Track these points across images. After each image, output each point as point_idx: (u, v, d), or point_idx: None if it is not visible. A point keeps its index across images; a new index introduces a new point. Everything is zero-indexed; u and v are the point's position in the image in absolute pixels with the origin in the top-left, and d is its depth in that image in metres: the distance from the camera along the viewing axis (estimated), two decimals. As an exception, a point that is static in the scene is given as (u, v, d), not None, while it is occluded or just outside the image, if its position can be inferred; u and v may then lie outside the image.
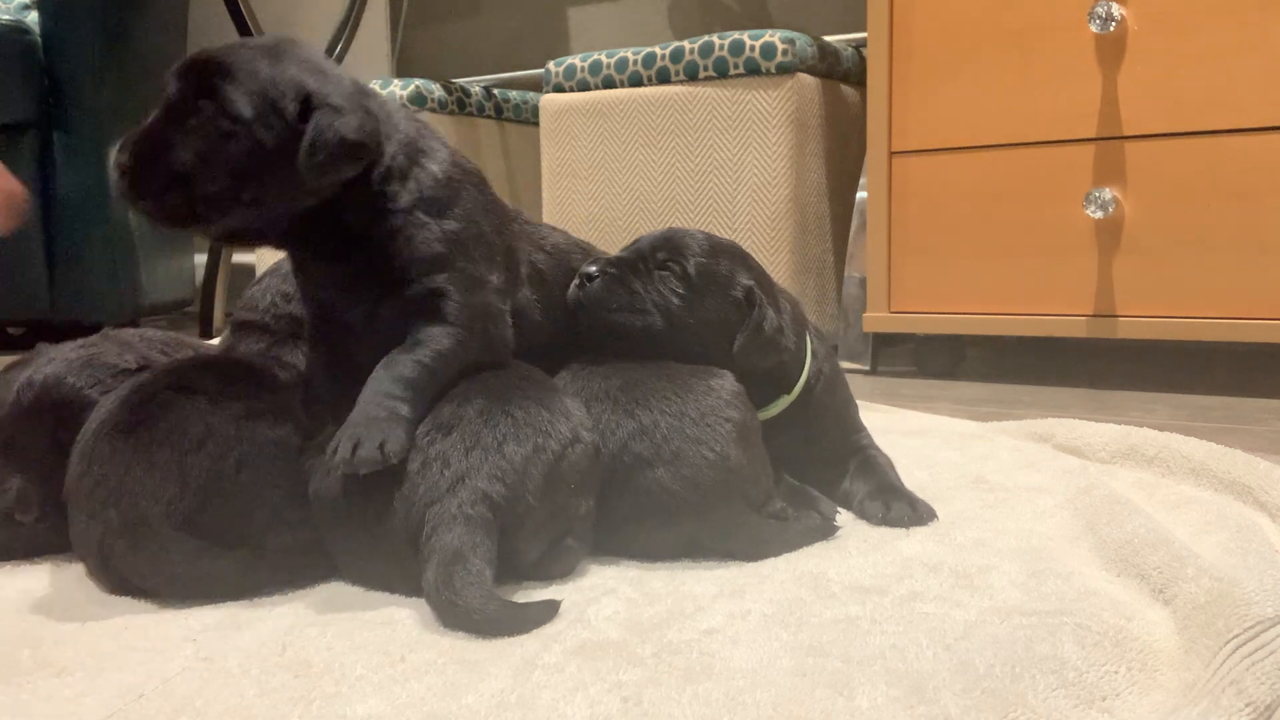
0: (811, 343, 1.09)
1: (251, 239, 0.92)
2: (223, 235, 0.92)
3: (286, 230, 0.91)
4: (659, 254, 1.02)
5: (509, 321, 0.97)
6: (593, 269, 1.02)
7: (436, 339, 0.91)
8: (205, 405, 0.91)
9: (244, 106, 0.85)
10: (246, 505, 0.88)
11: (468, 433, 0.86)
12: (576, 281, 1.03)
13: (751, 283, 1.03)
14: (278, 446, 0.90)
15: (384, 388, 0.88)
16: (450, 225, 0.93)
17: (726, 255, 1.04)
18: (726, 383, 0.97)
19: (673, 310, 1.01)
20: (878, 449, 1.12)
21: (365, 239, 0.91)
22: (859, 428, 1.14)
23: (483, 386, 0.91)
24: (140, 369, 1.03)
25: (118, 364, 1.03)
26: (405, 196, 0.92)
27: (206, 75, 0.86)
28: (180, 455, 0.87)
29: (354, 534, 0.88)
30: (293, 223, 0.90)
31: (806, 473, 1.07)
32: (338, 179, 0.88)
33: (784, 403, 1.06)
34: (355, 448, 0.84)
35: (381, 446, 0.84)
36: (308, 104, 0.86)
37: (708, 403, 0.94)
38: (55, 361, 1.02)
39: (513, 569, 0.86)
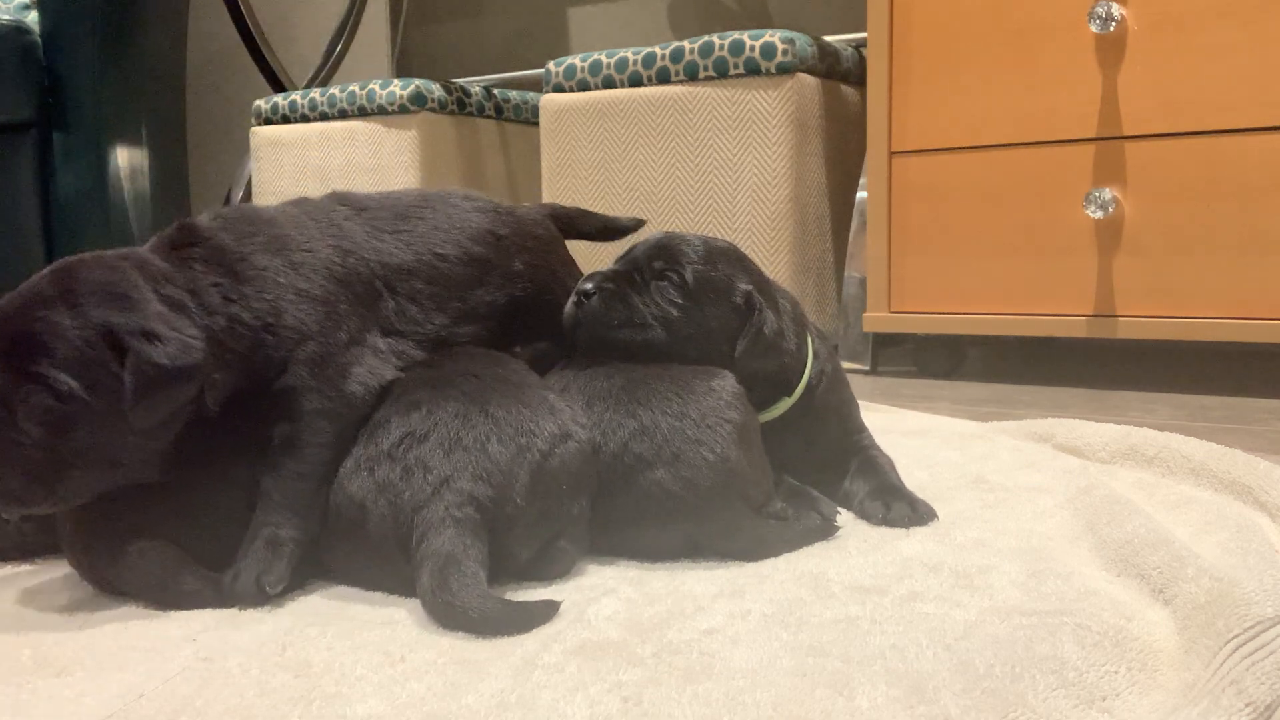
0: (813, 343, 1.08)
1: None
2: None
3: (171, 453, 0.86)
4: (655, 263, 1.01)
5: (370, 357, 0.93)
6: (589, 286, 1.00)
7: (291, 445, 0.88)
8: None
9: (70, 381, 0.79)
10: (239, 523, 0.88)
11: (445, 435, 0.86)
12: (574, 299, 1.02)
13: (750, 287, 1.02)
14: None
15: (259, 515, 0.87)
16: (287, 323, 0.90)
17: (723, 260, 1.03)
18: (728, 384, 0.97)
19: (673, 321, 1.00)
20: (879, 449, 1.12)
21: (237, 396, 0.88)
22: (861, 428, 1.14)
23: (456, 390, 0.90)
24: None
25: None
26: (244, 340, 0.88)
27: (17, 358, 0.79)
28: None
29: (347, 544, 0.88)
30: (170, 445, 0.85)
31: (808, 474, 1.07)
32: (177, 406, 0.83)
33: (785, 404, 1.05)
34: (235, 579, 0.84)
35: (258, 579, 0.84)
36: (118, 343, 0.80)
37: (708, 403, 0.93)
38: None
39: (506, 571, 0.86)
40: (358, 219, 1.00)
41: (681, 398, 0.93)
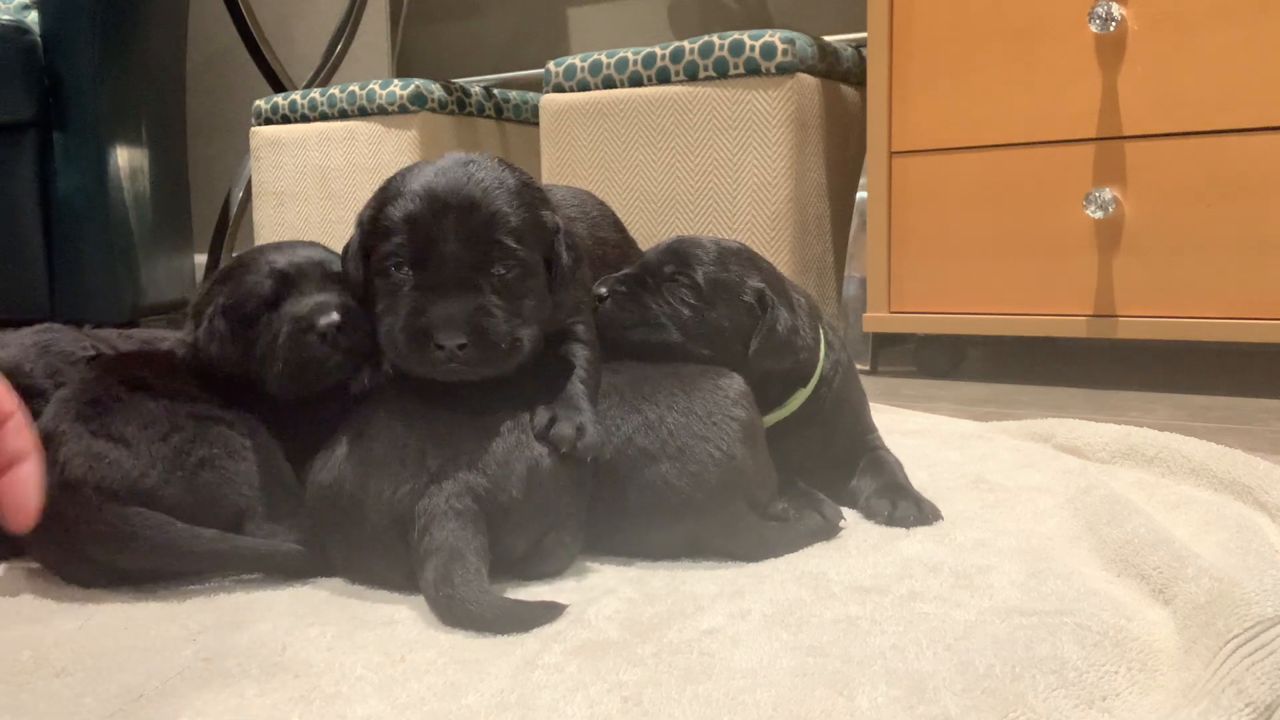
0: (826, 335, 1.09)
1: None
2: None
3: None
4: (666, 267, 1.02)
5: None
6: (603, 290, 1.02)
7: (582, 353, 0.98)
8: (166, 403, 0.91)
9: (536, 258, 0.92)
10: (206, 501, 0.89)
11: (441, 425, 0.88)
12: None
13: (762, 285, 1.02)
14: (235, 445, 0.91)
15: (573, 394, 0.94)
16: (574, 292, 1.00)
17: (735, 260, 1.03)
18: (734, 383, 0.97)
19: (685, 322, 1.00)
20: (888, 450, 1.12)
21: None
22: (872, 428, 1.14)
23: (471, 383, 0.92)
24: (95, 357, 1.03)
25: (74, 351, 1.03)
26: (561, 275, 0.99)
27: (498, 233, 0.89)
28: (148, 444, 0.88)
29: (347, 528, 0.88)
30: None
31: (818, 474, 1.07)
32: (567, 293, 0.96)
33: (801, 396, 1.05)
34: (552, 422, 0.89)
35: (579, 430, 0.89)
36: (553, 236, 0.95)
37: (714, 401, 0.94)
38: (10, 348, 1.02)
39: (502, 563, 0.86)
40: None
41: (687, 394, 0.94)
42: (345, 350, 0.92)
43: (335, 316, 0.92)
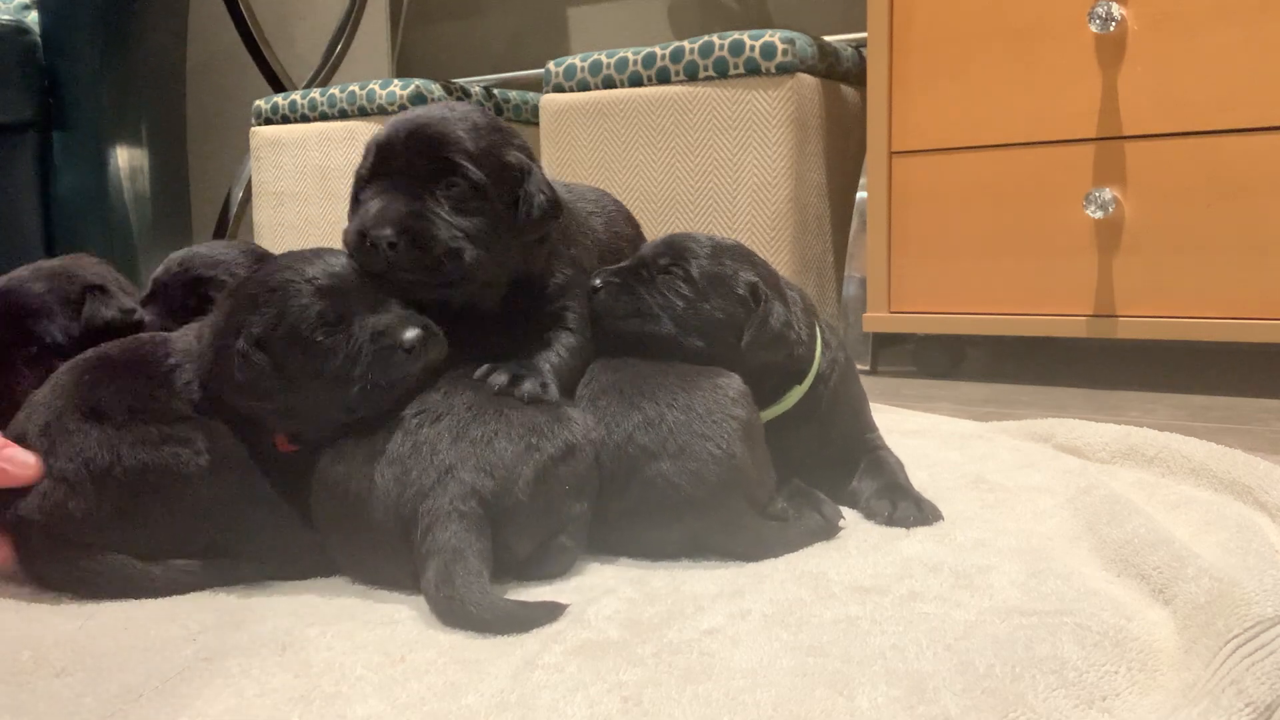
0: (823, 333, 1.09)
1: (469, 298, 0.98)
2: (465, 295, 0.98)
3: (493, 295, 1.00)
4: (661, 260, 1.03)
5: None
6: (597, 281, 1.03)
7: (566, 339, 1.02)
8: (115, 431, 0.89)
9: (491, 186, 0.95)
10: (165, 531, 0.89)
11: (455, 424, 0.88)
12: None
13: (755, 279, 1.03)
14: (192, 468, 0.89)
15: (538, 363, 0.98)
16: (572, 252, 1.06)
17: (730, 255, 1.04)
18: (733, 382, 0.97)
19: (679, 313, 1.01)
20: (889, 450, 1.12)
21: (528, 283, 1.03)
22: (872, 427, 1.14)
23: (476, 384, 0.93)
24: (98, 287, 1.07)
25: (83, 276, 1.08)
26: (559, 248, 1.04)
27: (448, 151, 0.94)
28: (93, 482, 0.87)
29: (346, 525, 0.88)
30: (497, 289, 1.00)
31: (818, 474, 1.07)
32: (536, 235, 0.99)
33: (797, 393, 1.06)
34: (515, 380, 0.93)
35: (543, 388, 0.93)
36: (520, 176, 0.98)
37: (714, 399, 0.94)
38: (38, 268, 1.08)
39: (504, 565, 0.86)
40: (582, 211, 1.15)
41: (687, 393, 0.94)
42: (423, 365, 0.91)
43: (419, 331, 0.90)
